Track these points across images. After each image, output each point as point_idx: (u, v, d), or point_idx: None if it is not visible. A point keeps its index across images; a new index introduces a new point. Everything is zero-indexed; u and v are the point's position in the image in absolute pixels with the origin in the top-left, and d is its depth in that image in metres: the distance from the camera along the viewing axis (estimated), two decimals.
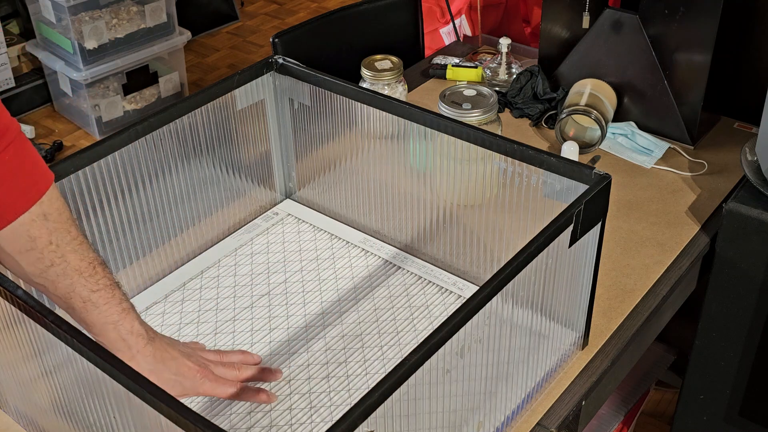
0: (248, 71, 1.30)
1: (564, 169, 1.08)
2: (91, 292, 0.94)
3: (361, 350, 1.16)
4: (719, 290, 1.40)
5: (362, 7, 2.00)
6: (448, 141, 1.18)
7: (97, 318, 0.94)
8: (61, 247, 0.92)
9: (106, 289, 0.95)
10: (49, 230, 0.91)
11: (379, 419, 0.79)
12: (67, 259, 0.92)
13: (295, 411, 1.07)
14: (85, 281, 0.93)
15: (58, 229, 0.92)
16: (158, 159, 1.21)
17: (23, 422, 1.07)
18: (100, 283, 0.94)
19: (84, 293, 0.94)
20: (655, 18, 1.56)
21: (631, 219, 1.43)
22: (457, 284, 1.27)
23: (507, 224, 1.19)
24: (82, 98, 3.15)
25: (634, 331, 1.22)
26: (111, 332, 0.95)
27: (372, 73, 1.58)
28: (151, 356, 0.97)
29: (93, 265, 0.95)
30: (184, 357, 1.01)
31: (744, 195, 1.34)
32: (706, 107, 1.59)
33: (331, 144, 1.34)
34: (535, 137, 1.66)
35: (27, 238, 0.90)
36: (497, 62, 1.81)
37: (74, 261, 0.93)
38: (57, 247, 0.92)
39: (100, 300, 0.94)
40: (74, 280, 0.93)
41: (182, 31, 3.30)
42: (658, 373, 1.93)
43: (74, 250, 0.93)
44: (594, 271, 1.10)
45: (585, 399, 1.13)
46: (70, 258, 0.93)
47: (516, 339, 1.00)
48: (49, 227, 0.91)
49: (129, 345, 0.96)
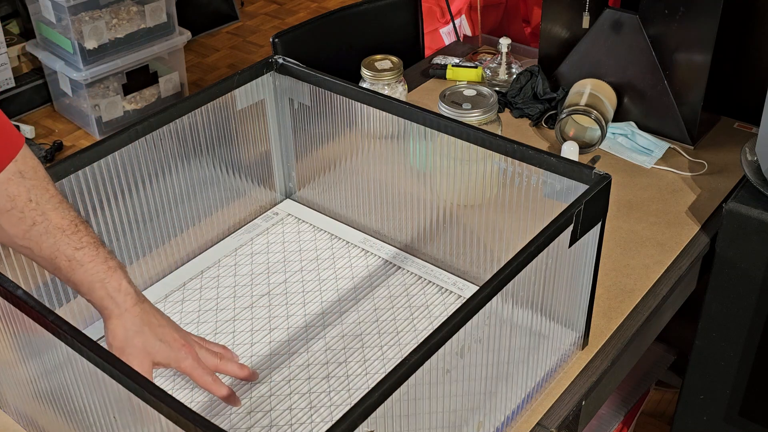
0: (248, 71, 1.30)
1: (564, 169, 1.08)
2: (75, 250, 0.94)
3: (361, 350, 1.16)
4: (719, 290, 1.40)
5: (362, 7, 2.00)
6: (448, 141, 1.18)
7: (83, 276, 0.94)
8: (41, 204, 0.92)
9: (89, 246, 0.95)
10: (27, 188, 0.91)
11: (379, 419, 0.79)
12: (49, 217, 0.92)
13: (295, 411, 1.07)
14: (68, 239, 0.93)
15: (36, 186, 0.92)
16: (158, 159, 1.21)
17: (23, 422, 1.07)
18: (83, 240, 0.94)
19: (68, 251, 0.93)
20: (655, 18, 1.56)
21: (631, 219, 1.43)
22: (457, 284, 1.27)
23: (507, 224, 1.19)
24: (82, 98, 3.15)
25: (634, 331, 1.22)
26: (98, 290, 0.95)
27: (372, 73, 1.58)
28: (138, 317, 0.96)
29: (75, 223, 0.94)
30: (171, 328, 1.00)
31: (744, 195, 1.34)
32: (706, 107, 1.59)
33: (331, 144, 1.34)
34: (535, 137, 1.66)
35: (6, 197, 0.91)
36: (497, 62, 1.81)
37: (56, 219, 0.93)
38: (37, 205, 0.92)
39: (85, 258, 0.94)
40: (57, 239, 0.93)
41: (182, 31, 3.30)
42: (658, 373, 1.93)
43: (55, 208, 0.93)
44: (594, 271, 1.10)
45: (585, 399, 1.13)
46: (51, 216, 0.93)
47: (516, 339, 1.00)
48: (27, 185, 0.92)
49: (117, 302, 0.95)
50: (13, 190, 0.91)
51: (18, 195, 0.91)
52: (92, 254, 0.95)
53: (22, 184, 0.91)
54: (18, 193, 0.91)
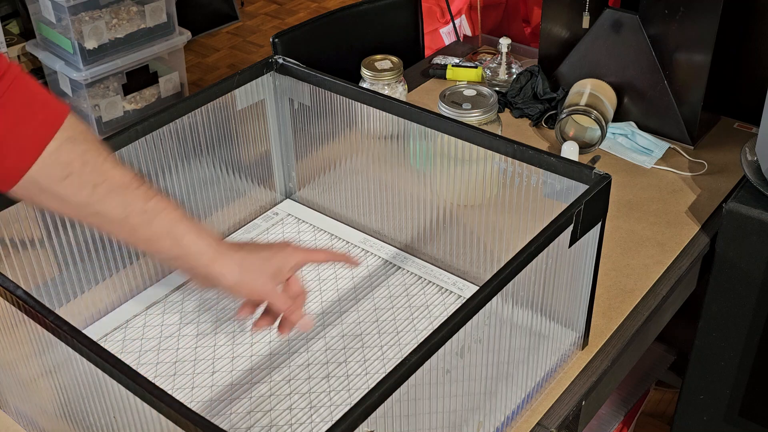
0: (248, 71, 1.30)
1: (564, 169, 1.08)
2: (146, 202, 0.90)
3: (361, 350, 1.16)
4: (719, 290, 1.40)
5: (362, 7, 2.00)
6: (448, 141, 1.18)
7: (161, 227, 0.91)
8: (98, 165, 0.89)
9: (159, 196, 0.92)
10: (79, 152, 0.89)
11: (379, 419, 0.79)
12: (109, 176, 0.90)
13: (295, 411, 1.07)
14: (135, 193, 0.90)
15: (88, 149, 0.90)
16: (158, 159, 1.21)
17: (23, 422, 1.07)
18: (150, 192, 0.91)
19: (140, 205, 0.90)
20: (655, 18, 1.56)
21: (631, 219, 1.43)
22: (457, 284, 1.27)
23: (507, 224, 1.19)
24: (82, 98, 3.15)
25: (634, 331, 1.22)
26: (183, 236, 0.92)
27: (372, 73, 1.58)
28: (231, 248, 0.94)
29: (137, 178, 0.91)
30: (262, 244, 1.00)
31: (744, 195, 1.34)
32: (706, 107, 1.59)
33: (331, 144, 1.34)
34: (535, 137, 1.66)
35: (61, 165, 0.88)
36: (497, 62, 1.81)
37: (117, 177, 0.90)
38: (93, 167, 0.89)
39: (159, 207, 0.91)
40: (125, 196, 0.90)
41: (182, 31, 3.29)
42: (658, 373, 1.93)
43: (113, 167, 0.90)
44: (594, 271, 1.10)
45: (585, 399, 1.13)
46: (112, 174, 0.90)
47: (516, 339, 1.00)
48: (79, 149, 0.89)
49: (207, 244, 0.93)
50: (65, 157, 0.88)
51: (72, 161, 0.88)
52: (164, 204, 0.92)
53: (74, 149, 0.88)
54: (72, 159, 0.88)
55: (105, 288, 1.21)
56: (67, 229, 1.12)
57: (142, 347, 1.18)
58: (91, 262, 1.17)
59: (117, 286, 1.23)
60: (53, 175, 0.88)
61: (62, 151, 0.88)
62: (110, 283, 1.22)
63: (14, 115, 0.86)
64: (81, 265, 1.16)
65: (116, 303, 1.24)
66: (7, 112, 0.86)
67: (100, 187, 0.89)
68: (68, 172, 0.88)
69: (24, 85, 0.88)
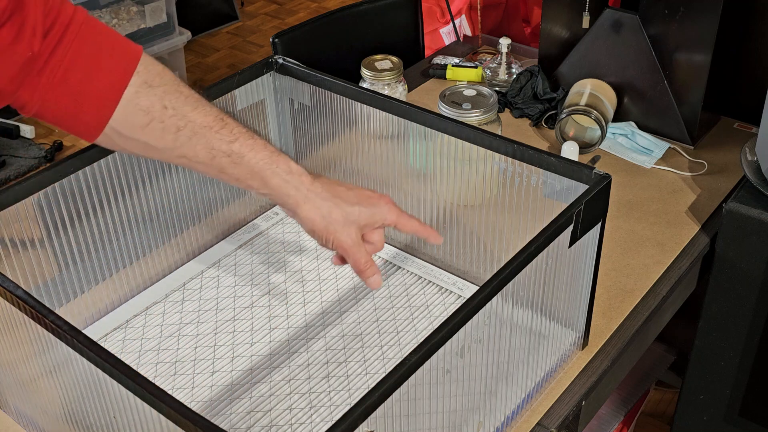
0: (248, 71, 1.30)
1: (564, 169, 1.08)
2: (230, 143, 0.89)
3: (361, 350, 1.16)
4: (719, 290, 1.40)
5: (362, 7, 2.00)
6: (448, 141, 1.18)
7: (248, 168, 0.90)
8: (178, 108, 0.88)
9: (244, 136, 0.90)
10: (158, 95, 0.87)
11: (379, 419, 0.79)
12: (191, 119, 0.88)
13: (295, 411, 1.07)
14: (219, 135, 0.89)
15: (167, 91, 0.88)
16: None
17: (23, 422, 1.07)
18: (234, 132, 0.90)
19: (224, 147, 0.89)
20: (655, 18, 1.56)
21: (631, 219, 1.43)
22: (457, 284, 1.27)
23: (507, 224, 1.19)
24: None
25: (634, 331, 1.22)
26: (270, 178, 0.90)
27: (372, 73, 1.58)
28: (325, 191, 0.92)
29: (220, 117, 0.90)
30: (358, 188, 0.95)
31: (744, 195, 1.34)
32: (706, 107, 1.59)
33: (331, 144, 1.34)
34: (535, 137, 1.66)
35: (141, 112, 0.86)
36: (497, 62, 1.81)
37: (199, 118, 0.88)
38: (174, 110, 0.87)
39: (244, 149, 0.89)
40: (209, 137, 0.88)
41: (182, 31, 3.30)
42: (658, 373, 1.93)
43: (194, 108, 0.89)
44: (594, 271, 1.10)
45: (585, 399, 1.13)
46: (193, 116, 0.88)
47: (516, 339, 1.00)
48: (158, 92, 0.87)
49: (296, 187, 0.91)
50: (145, 103, 0.86)
51: (152, 105, 0.86)
52: (249, 143, 0.90)
53: (152, 93, 0.87)
54: (151, 104, 0.86)
55: (105, 288, 1.21)
56: (67, 229, 1.12)
57: (142, 347, 1.18)
58: (91, 262, 1.17)
59: (117, 286, 1.23)
60: (134, 122, 0.86)
61: (141, 97, 0.86)
62: (110, 283, 1.22)
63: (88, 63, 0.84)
64: (81, 265, 1.16)
65: (116, 303, 1.24)
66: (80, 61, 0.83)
67: (183, 131, 0.88)
68: (150, 118, 0.87)
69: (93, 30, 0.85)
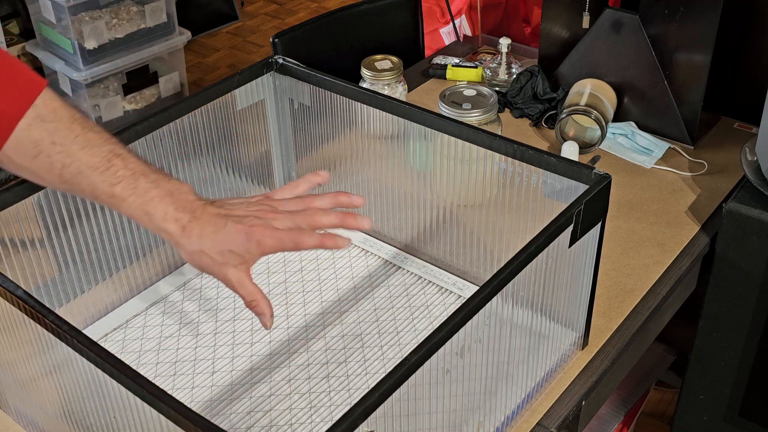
0: (248, 71, 1.30)
1: (564, 169, 1.08)
2: (111, 186, 0.91)
3: (361, 350, 1.16)
4: (719, 290, 1.40)
5: (362, 7, 2.00)
6: (448, 141, 1.18)
7: (129, 211, 0.92)
8: (66, 145, 0.90)
9: (126, 180, 0.91)
10: (48, 131, 0.90)
11: (379, 419, 0.79)
12: (78, 158, 0.90)
13: (295, 411, 1.07)
14: (102, 176, 0.90)
15: (58, 128, 0.90)
16: (158, 159, 1.21)
17: (23, 422, 1.07)
18: (118, 175, 0.91)
19: (106, 188, 0.91)
20: (655, 18, 1.56)
21: (631, 219, 1.43)
22: (457, 284, 1.27)
23: (507, 224, 1.19)
24: (82, 98, 3.15)
25: (634, 331, 1.22)
26: (147, 224, 0.92)
27: (372, 73, 1.58)
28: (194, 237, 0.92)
29: (107, 158, 0.91)
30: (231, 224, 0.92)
31: (744, 195, 1.34)
32: (706, 107, 1.59)
33: (331, 144, 1.34)
34: (535, 137, 1.66)
35: (31, 144, 0.89)
36: (497, 62, 1.81)
37: (85, 158, 0.90)
38: (62, 147, 0.90)
39: (124, 193, 0.91)
40: (92, 178, 0.90)
41: (182, 31, 3.29)
42: (658, 373, 1.93)
43: (82, 147, 0.90)
44: (594, 271, 1.10)
45: (585, 399, 1.13)
46: (80, 155, 0.90)
47: (516, 339, 1.00)
48: (49, 128, 0.90)
49: (169, 233, 0.92)
50: (35, 136, 0.89)
51: (41, 140, 0.89)
52: (130, 188, 0.91)
53: (44, 128, 0.89)
54: (41, 138, 0.89)
55: (105, 288, 1.21)
56: (67, 229, 1.12)
57: (142, 347, 1.18)
58: (91, 262, 1.17)
59: (117, 286, 1.23)
60: (24, 152, 0.89)
61: (32, 130, 0.89)
62: (110, 283, 1.22)
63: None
64: (81, 265, 1.16)
65: (116, 303, 1.24)
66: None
67: (68, 168, 0.90)
68: (38, 151, 0.90)
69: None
